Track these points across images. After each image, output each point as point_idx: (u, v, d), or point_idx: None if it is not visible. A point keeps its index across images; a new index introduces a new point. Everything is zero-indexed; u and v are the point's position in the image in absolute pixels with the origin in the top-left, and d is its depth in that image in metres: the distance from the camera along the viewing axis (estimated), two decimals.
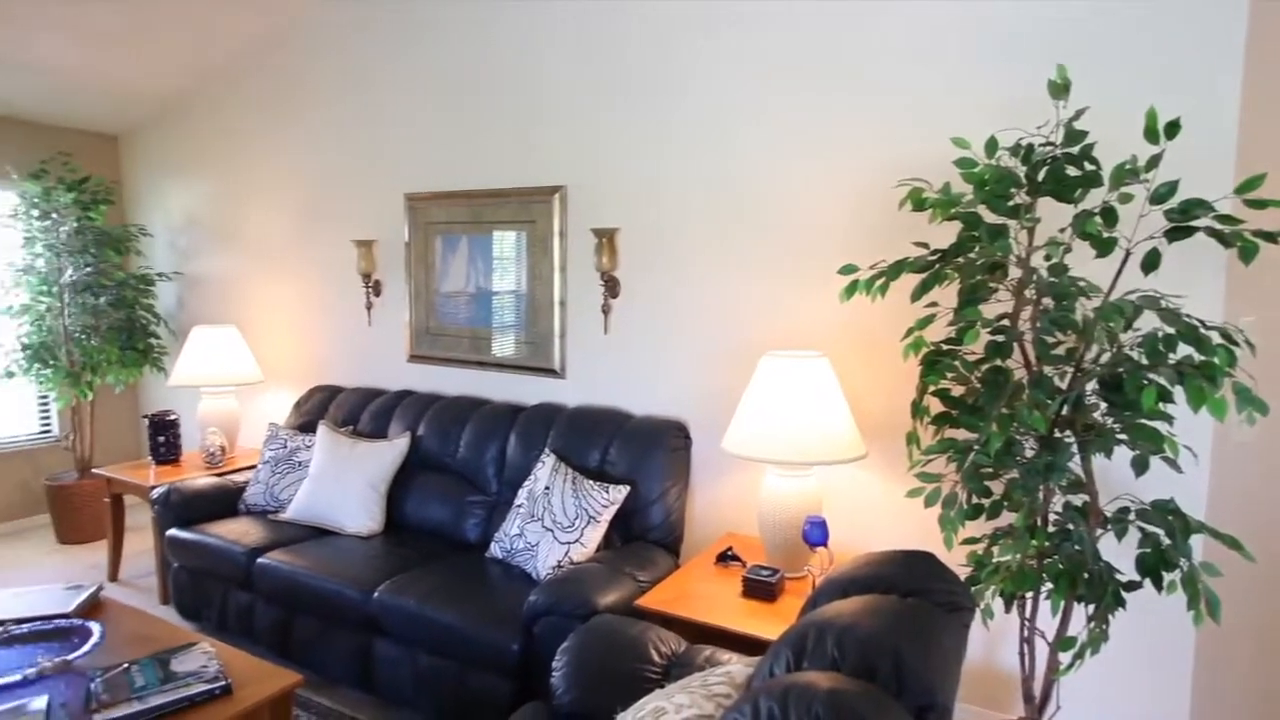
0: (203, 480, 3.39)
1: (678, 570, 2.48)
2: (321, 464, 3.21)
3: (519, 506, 2.75)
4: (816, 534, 2.21)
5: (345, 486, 3.11)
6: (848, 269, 2.07)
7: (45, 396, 4.65)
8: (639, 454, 2.75)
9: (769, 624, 2.05)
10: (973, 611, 1.35)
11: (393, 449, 3.20)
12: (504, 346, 3.36)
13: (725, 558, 2.47)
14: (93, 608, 2.36)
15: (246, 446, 4.26)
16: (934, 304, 2.00)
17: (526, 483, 2.79)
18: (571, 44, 3.03)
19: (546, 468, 2.75)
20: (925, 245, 2.01)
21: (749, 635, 2.01)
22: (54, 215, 4.15)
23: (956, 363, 1.90)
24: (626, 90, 2.93)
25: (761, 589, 2.20)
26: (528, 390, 3.31)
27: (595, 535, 2.57)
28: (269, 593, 2.81)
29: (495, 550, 2.77)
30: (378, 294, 3.76)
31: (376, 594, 2.54)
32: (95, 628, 2.09)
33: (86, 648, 2.00)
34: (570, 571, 2.35)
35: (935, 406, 1.99)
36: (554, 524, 2.59)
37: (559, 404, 3.12)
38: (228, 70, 4.19)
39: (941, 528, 1.84)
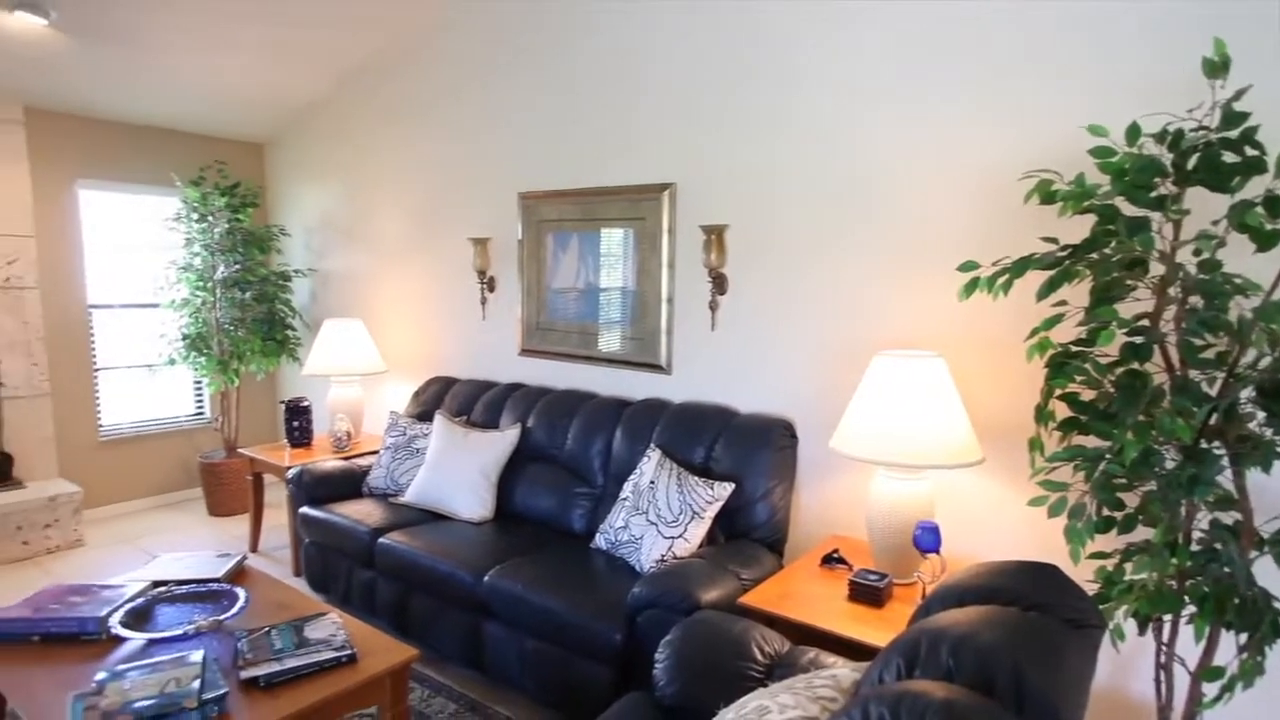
0: (331, 463, 3.63)
1: (781, 570, 2.45)
2: (437, 452, 3.38)
3: (624, 500, 2.80)
4: (928, 540, 2.13)
5: (459, 474, 3.26)
6: (968, 266, 1.98)
7: (199, 382, 5.11)
8: (744, 451, 2.73)
9: (875, 630, 2.00)
10: (1102, 631, 1.27)
11: (504, 439, 3.32)
12: (611, 342, 3.42)
13: (831, 560, 2.42)
14: (238, 575, 2.58)
15: (370, 432, 4.53)
16: (1062, 303, 1.88)
17: (632, 476, 2.83)
18: (684, 42, 3.04)
19: (652, 462, 2.78)
20: (1054, 240, 1.90)
21: (855, 640, 1.96)
22: (209, 218, 4.55)
23: (1087, 365, 1.78)
24: (738, 87, 2.91)
25: (868, 593, 2.15)
26: (634, 385, 3.36)
27: (699, 531, 2.58)
28: (389, 571, 2.98)
29: (600, 541, 2.83)
30: (492, 290, 3.91)
31: (487, 578, 2.65)
32: (241, 593, 2.29)
33: (234, 610, 2.19)
34: (673, 566, 2.37)
35: (1062, 411, 1.87)
36: (658, 518, 2.62)
37: (665, 399, 3.15)
38: (357, 81, 4.46)
39: (1067, 540, 1.74)
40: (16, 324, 4.18)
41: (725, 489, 2.62)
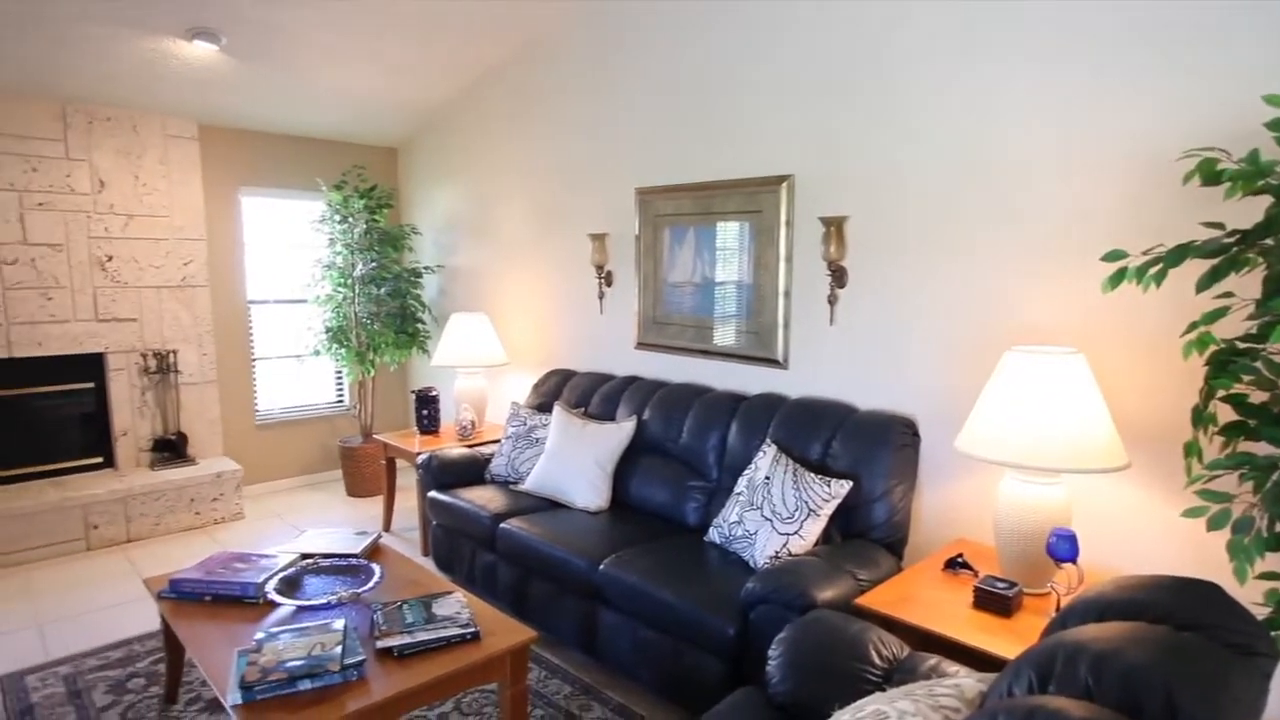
0: (456, 450, 3.82)
1: (901, 572, 2.37)
2: (556, 442, 3.48)
3: (739, 494, 2.79)
4: (1064, 548, 1.99)
5: (576, 464, 3.35)
6: (1114, 255, 1.83)
7: (340, 372, 5.51)
8: (863, 449, 2.66)
9: (1002, 640, 1.90)
10: (1274, 660, 1.15)
11: (620, 431, 3.38)
12: (726, 336, 3.40)
13: (954, 564, 2.31)
14: (374, 551, 2.77)
15: (492, 422, 4.73)
16: (1227, 294, 1.71)
17: (746, 471, 2.82)
18: (801, 32, 2.98)
19: (767, 457, 2.76)
20: (1219, 225, 1.72)
21: (979, 649, 1.87)
22: (349, 219, 4.89)
23: (1257, 364, 1.61)
24: (857, 74, 2.82)
25: (995, 601, 2.04)
26: (749, 380, 3.33)
27: (815, 529, 2.53)
28: (509, 555, 3.11)
29: (714, 535, 2.83)
30: (609, 284, 3.99)
31: (602, 566, 2.71)
32: (376, 569, 2.46)
33: (371, 584, 2.36)
34: (788, 563, 2.34)
35: (1225, 414, 1.70)
36: (773, 514, 2.59)
37: (781, 394, 3.10)
38: (481, 87, 4.65)
39: (1231, 556, 1.58)
40: (191, 318, 4.66)
41: (843, 486, 2.55)
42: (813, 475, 2.62)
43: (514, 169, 4.55)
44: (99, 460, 4.46)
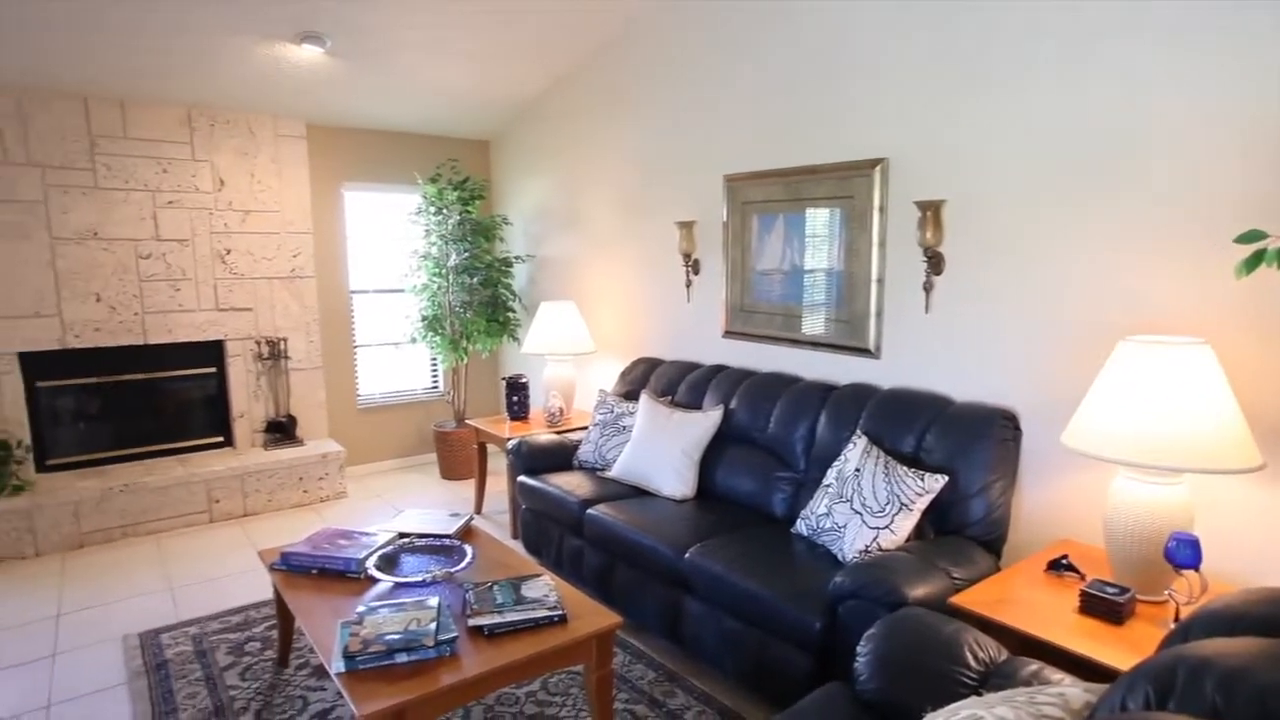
0: (545, 436, 3.90)
1: (999, 572, 2.27)
2: (642, 430, 3.50)
3: (827, 486, 2.73)
4: (1185, 554, 1.85)
5: (663, 452, 3.36)
6: (1251, 236, 1.68)
7: (434, 359, 5.72)
8: (959, 442, 2.55)
9: (1113, 649, 1.78)
10: None
11: (706, 420, 3.37)
12: (815, 325, 3.33)
13: (1059, 566, 2.19)
14: (467, 533, 2.86)
15: (580, 409, 4.81)
16: None
17: (836, 463, 2.75)
18: (898, 11, 2.86)
19: (857, 449, 2.68)
20: None
21: (1086, 658, 1.77)
22: (444, 211, 5.05)
23: None
24: (953, 52, 2.68)
25: (1105, 608, 1.92)
26: (839, 369, 3.25)
27: (907, 524, 2.45)
28: (595, 541, 3.16)
29: (801, 527, 2.78)
30: (696, 272, 3.97)
31: (688, 555, 2.72)
32: (469, 549, 2.54)
33: (463, 564, 2.44)
34: (879, 558, 2.27)
35: None
36: (863, 507, 2.52)
37: (872, 385, 3.01)
38: (570, 78, 4.69)
39: None
40: (300, 308, 4.93)
41: (937, 481, 2.46)
42: (905, 468, 2.53)
43: (602, 158, 4.58)
44: (219, 440, 4.80)
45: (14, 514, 3.86)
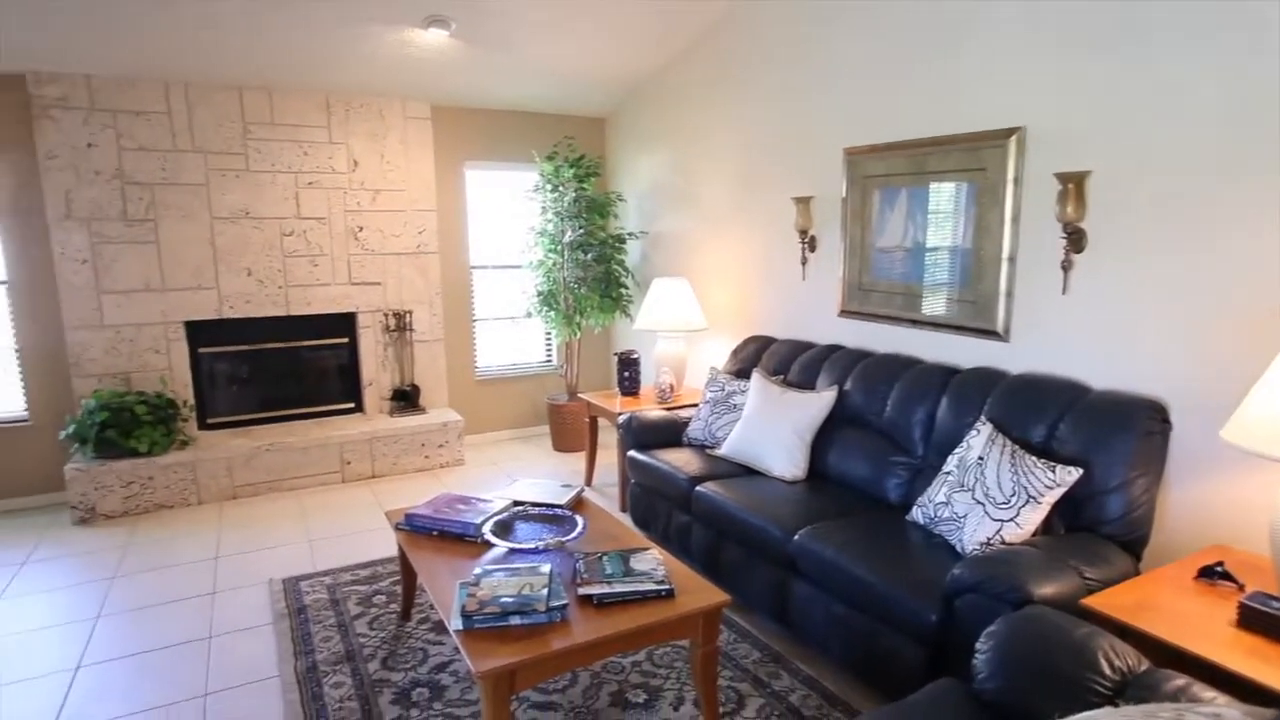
0: (655, 412, 3.93)
1: (1138, 575, 2.10)
2: (754, 409, 3.46)
3: (947, 474, 2.61)
4: None
5: (774, 432, 3.31)
6: None
7: (549, 333, 5.87)
8: (1097, 433, 2.37)
9: (1277, 669, 1.61)
10: None
11: (819, 401, 3.29)
12: (937, 305, 3.17)
13: (1211, 573, 2.00)
14: (577, 503, 2.94)
15: (690, 386, 4.81)
16: None
17: (957, 450, 2.62)
18: None
19: (981, 437, 2.55)
20: None
21: (1247, 677, 1.61)
22: (560, 188, 5.14)
23: None
24: (1106, 15, 2.44)
25: (1269, 623, 1.74)
26: (963, 352, 3.08)
27: (1033, 517, 2.30)
28: (703, 518, 3.16)
29: (917, 515, 2.68)
30: (813, 249, 3.86)
31: (797, 537, 2.67)
32: (580, 520, 2.61)
33: (574, 534, 2.51)
34: (1002, 551, 2.16)
35: None
36: (985, 498, 2.40)
37: (999, 369, 2.84)
38: (684, 54, 4.63)
39: None
40: (424, 282, 5.18)
41: (1070, 474, 2.30)
42: (1034, 459, 2.38)
43: (716, 134, 4.51)
44: (350, 406, 5.13)
45: (181, 466, 4.29)
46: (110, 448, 4.14)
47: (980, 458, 2.49)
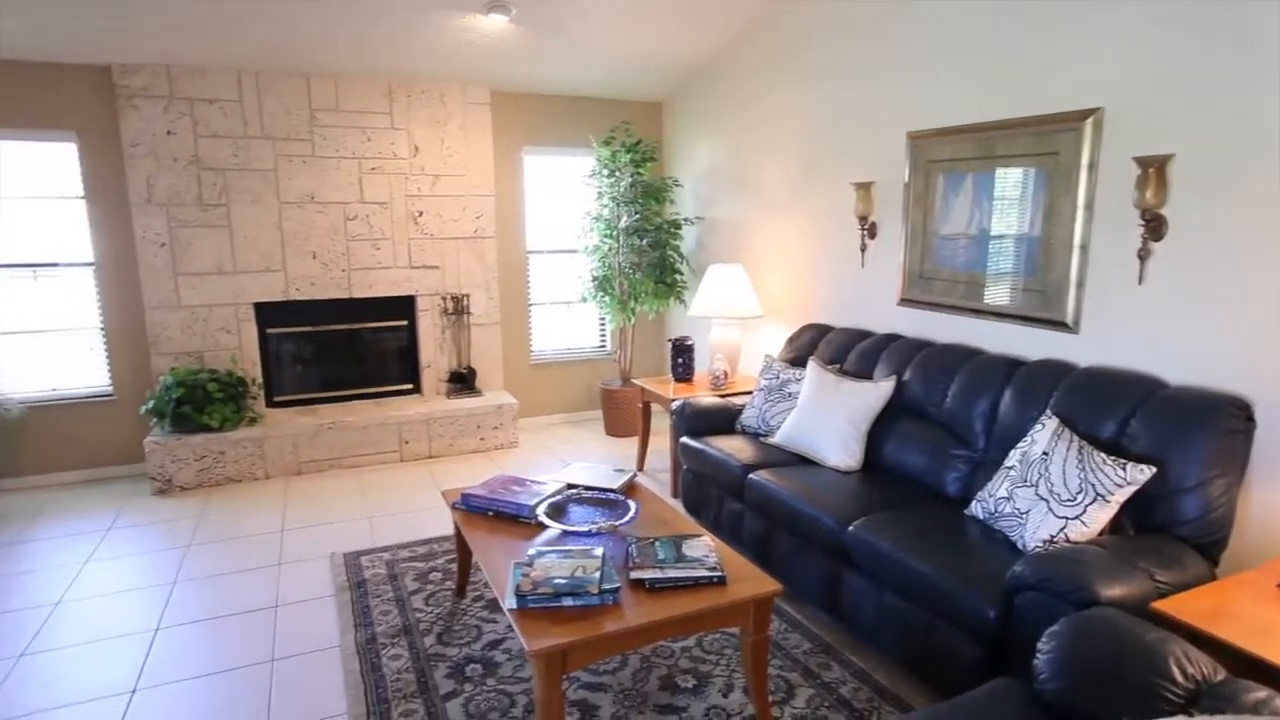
0: (708, 399, 3.91)
1: (1216, 581, 2.01)
2: (809, 397, 3.42)
3: (1009, 468, 2.53)
4: None
5: (829, 421, 3.27)
6: None
7: (603, 318, 5.90)
8: (1173, 430, 2.26)
9: None
10: None
11: (877, 390, 3.23)
12: (1000, 294, 3.07)
13: None
14: (630, 488, 2.95)
15: (744, 373, 4.77)
16: None
17: (1020, 444, 2.55)
18: None
19: (1046, 431, 2.46)
20: None
21: None
22: (616, 173, 5.14)
23: None
24: None
25: None
26: (1028, 344, 2.98)
27: (1101, 516, 2.22)
28: (756, 506, 3.15)
29: (976, 509, 2.61)
30: (872, 236, 3.77)
31: (851, 528, 2.64)
32: (632, 504, 2.62)
33: (627, 518, 2.53)
34: (1066, 550, 2.09)
35: None
36: (1050, 494, 2.32)
37: (1067, 362, 2.74)
38: (743, 36, 4.56)
39: None
40: (481, 267, 5.26)
41: (1142, 472, 2.20)
42: (1103, 455, 2.29)
43: (774, 119, 4.44)
44: (409, 387, 5.26)
45: (250, 441, 4.47)
46: (185, 423, 4.34)
47: (1045, 453, 2.41)
